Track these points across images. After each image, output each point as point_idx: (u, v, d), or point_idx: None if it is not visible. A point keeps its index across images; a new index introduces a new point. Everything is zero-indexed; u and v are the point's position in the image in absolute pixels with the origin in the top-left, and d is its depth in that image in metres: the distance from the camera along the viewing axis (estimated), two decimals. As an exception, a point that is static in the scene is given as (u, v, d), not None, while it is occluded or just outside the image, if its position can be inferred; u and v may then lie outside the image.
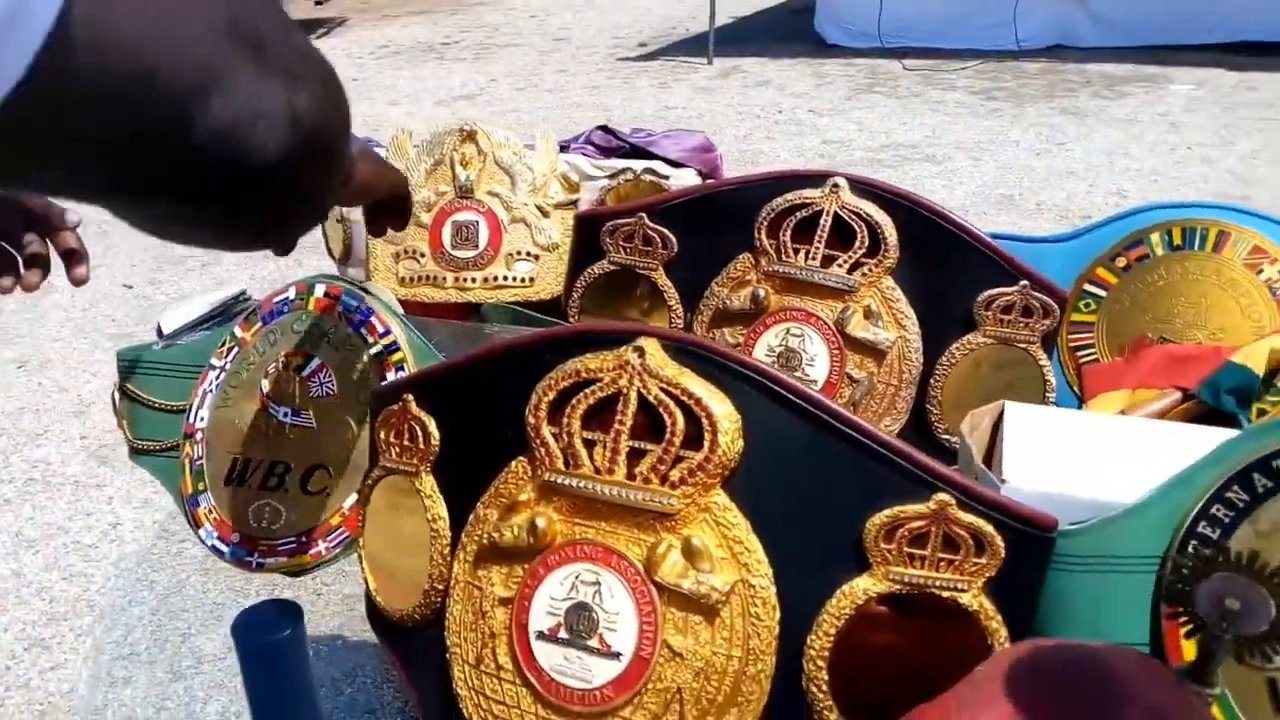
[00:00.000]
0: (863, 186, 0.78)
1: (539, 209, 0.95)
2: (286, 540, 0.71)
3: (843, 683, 0.50)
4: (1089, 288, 0.85)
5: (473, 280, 0.95)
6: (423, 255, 0.95)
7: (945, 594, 0.50)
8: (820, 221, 0.77)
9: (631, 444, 0.53)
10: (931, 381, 0.76)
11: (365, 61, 6.10)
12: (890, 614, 0.51)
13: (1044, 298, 0.74)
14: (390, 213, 0.63)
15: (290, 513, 0.71)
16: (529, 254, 0.95)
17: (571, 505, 0.54)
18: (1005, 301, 0.74)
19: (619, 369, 0.54)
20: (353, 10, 8.00)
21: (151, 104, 0.29)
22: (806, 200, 0.78)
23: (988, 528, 0.49)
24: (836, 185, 0.77)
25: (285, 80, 0.33)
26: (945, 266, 0.76)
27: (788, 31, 6.29)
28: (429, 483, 0.60)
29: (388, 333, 0.72)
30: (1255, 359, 0.74)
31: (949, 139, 4.05)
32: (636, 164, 0.97)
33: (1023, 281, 0.74)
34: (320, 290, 0.74)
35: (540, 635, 0.53)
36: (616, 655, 0.51)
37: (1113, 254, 0.85)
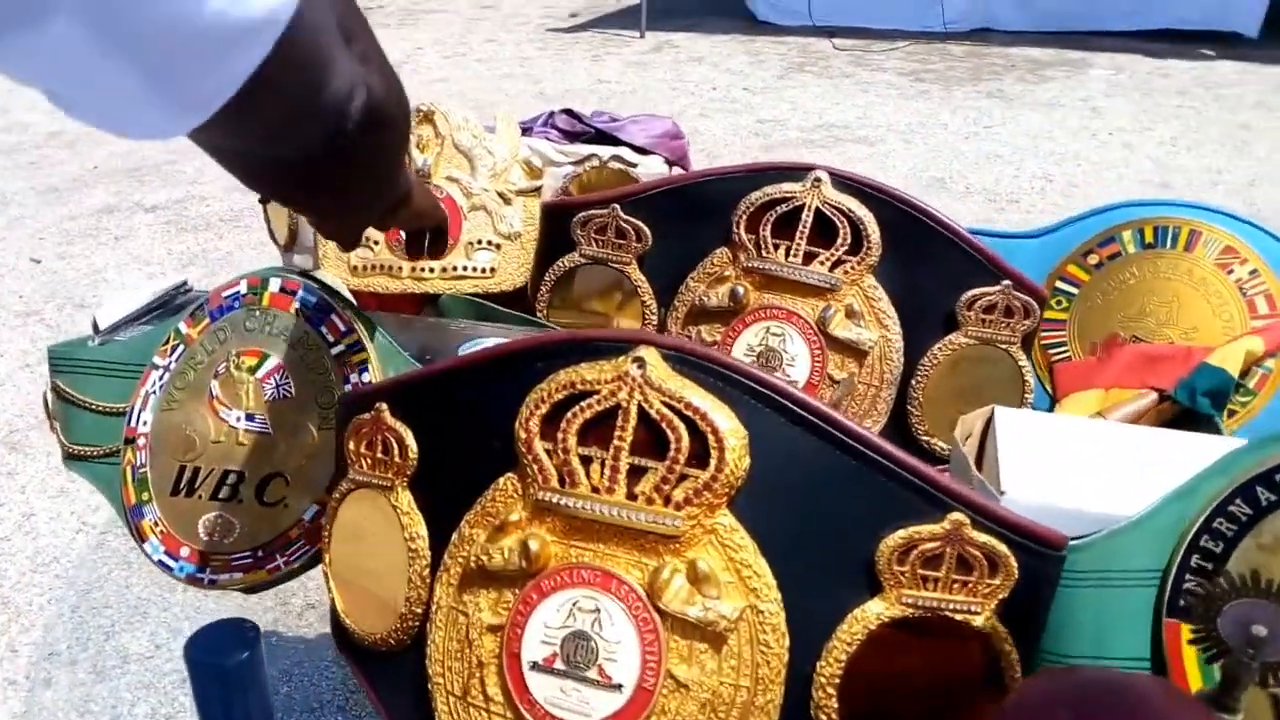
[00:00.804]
0: (845, 181, 0.75)
1: (500, 196, 0.91)
2: (241, 555, 0.66)
3: (851, 710, 0.48)
4: (1060, 285, 0.85)
5: (430, 270, 0.90)
6: (376, 243, 0.90)
7: (959, 616, 0.48)
8: (801, 217, 0.75)
9: (632, 461, 0.50)
10: (912, 382, 0.75)
11: (285, 26, 5.87)
12: (900, 637, 0.49)
13: (1025, 298, 0.73)
14: (432, 243, 0.67)
15: (245, 525, 0.67)
16: (490, 243, 0.91)
17: (567, 526, 0.51)
18: (988, 302, 0.73)
19: (617, 380, 0.50)
20: (270, -29, 7.69)
21: (311, 87, 0.38)
22: (787, 194, 0.76)
23: (1002, 548, 0.48)
24: (818, 179, 0.75)
25: (363, 63, 0.42)
26: (927, 265, 0.74)
27: (719, 6, 6.26)
28: (406, 498, 0.56)
29: (350, 331, 0.68)
30: (1231, 361, 0.74)
31: (880, 120, 4.08)
32: (603, 150, 0.93)
33: (1005, 281, 0.73)
34: (275, 284, 0.69)
35: (534, 666, 0.50)
36: (618, 687, 0.48)
37: (1085, 250, 0.85)
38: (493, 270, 0.91)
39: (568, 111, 0.98)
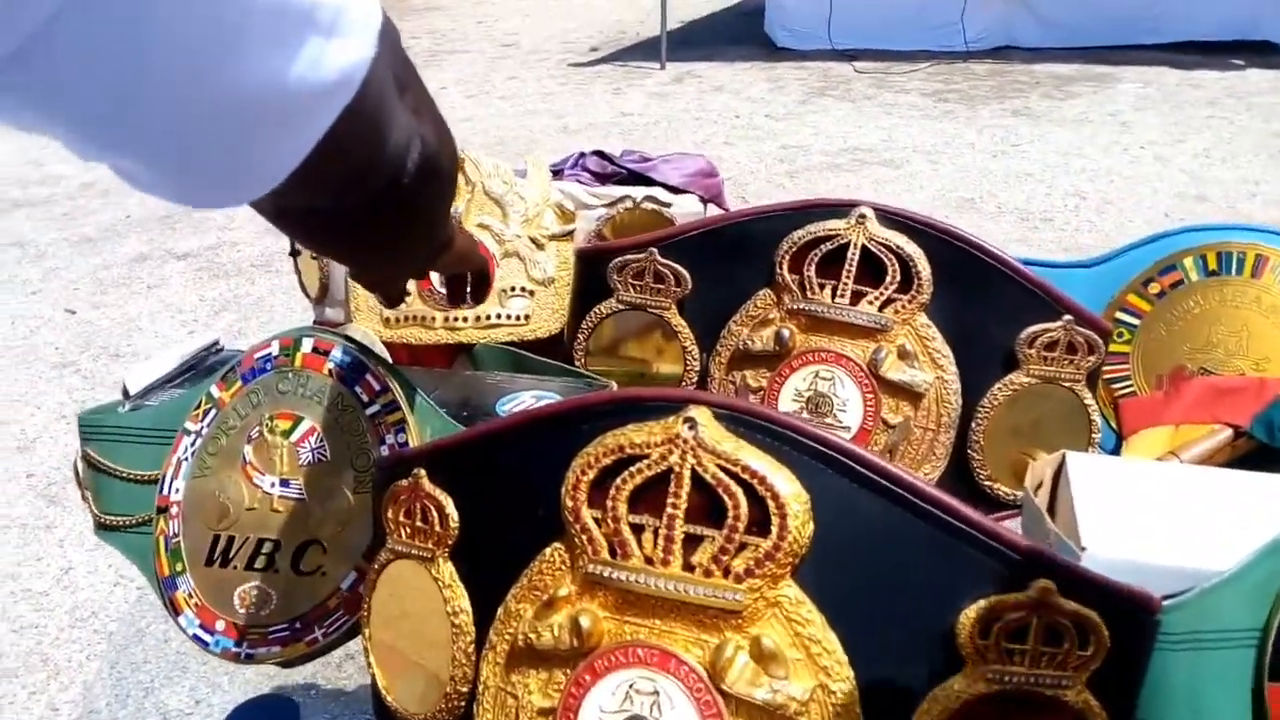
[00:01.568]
0: (891, 216, 0.72)
1: (533, 241, 0.89)
2: (278, 627, 0.64)
3: (934, 795, 0.45)
4: (1121, 315, 0.81)
5: (463, 320, 0.88)
6: (409, 293, 0.88)
7: (1048, 691, 0.45)
8: (847, 255, 0.72)
9: (687, 530, 0.47)
10: (972, 425, 0.71)
11: (310, 70, 5.95)
12: (985, 716, 0.45)
13: (1088, 333, 0.70)
14: (475, 288, 0.65)
15: (281, 596, 0.64)
16: (523, 290, 0.89)
17: (619, 600, 0.48)
18: (1049, 338, 0.69)
19: (668, 443, 0.47)
20: (294, 17, 7.81)
21: (374, 145, 0.37)
22: (831, 232, 0.73)
23: (1093, 615, 0.44)
24: (863, 215, 0.72)
25: (416, 115, 0.41)
26: (983, 301, 0.71)
27: (738, 35, 6.27)
28: (448, 570, 0.53)
29: (385, 390, 0.65)
30: (1310, 393, 0.70)
31: (905, 142, 4.05)
32: (635, 191, 0.91)
33: (1066, 316, 0.70)
34: (308, 345, 0.67)
35: (590, 752, 0.47)
36: (681, 775, 0.45)
37: (1144, 279, 0.81)
38: (527, 317, 0.89)
39: (598, 153, 0.96)
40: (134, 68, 0.26)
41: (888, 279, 0.71)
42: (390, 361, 0.70)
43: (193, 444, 0.69)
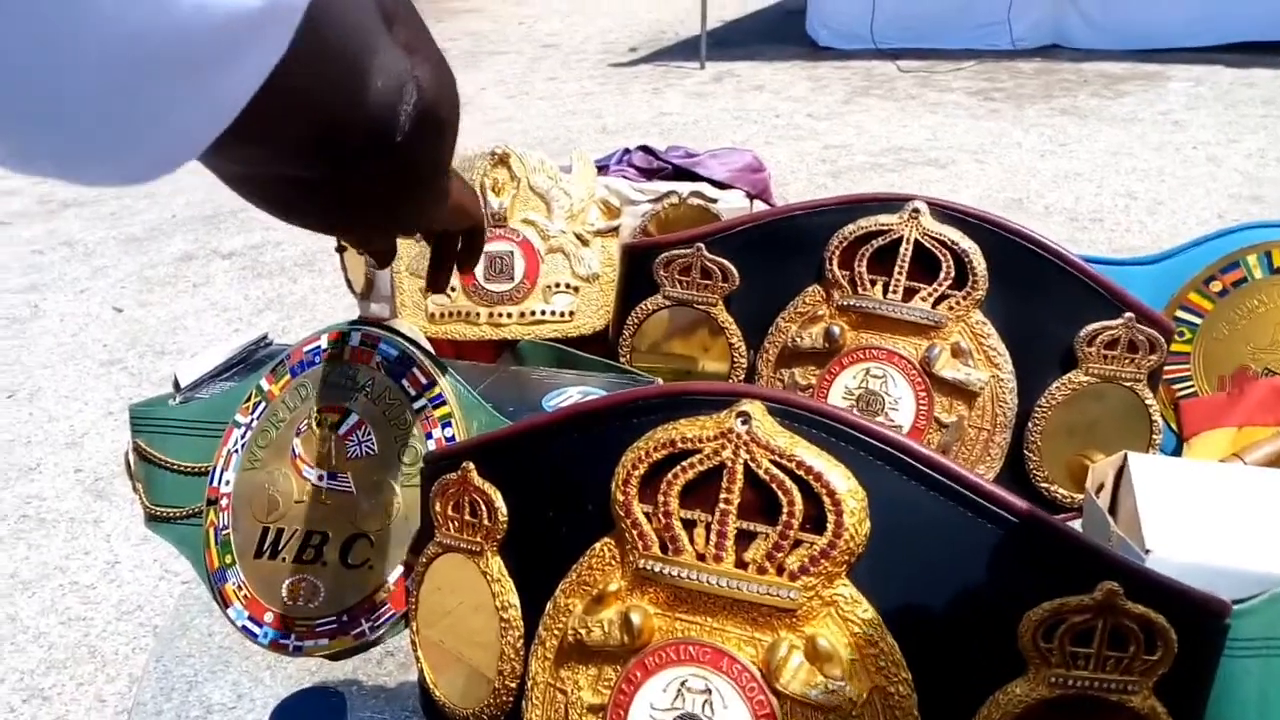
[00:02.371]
0: (945, 211, 0.71)
1: (578, 237, 0.89)
2: (326, 620, 0.64)
3: (994, 802, 0.44)
4: (1181, 314, 0.79)
5: (508, 315, 0.88)
6: (453, 289, 0.88)
7: (1113, 697, 0.43)
8: (900, 250, 0.71)
9: (740, 525, 0.46)
10: (1029, 425, 0.69)
11: (353, 72, 6.02)
12: (1048, 720, 0.44)
13: (1150, 331, 0.68)
14: (464, 250, 0.59)
15: (329, 588, 0.64)
16: (568, 286, 0.88)
17: (670, 597, 0.47)
18: (1109, 336, 0.68)
19: (721, 438, 0.47)
20: (338, 20, 7.91)
21: (348, 90, 0.31)
22: (883, 227, 0.72)
23: (1160, 619, 0.43)
24: (917, 210, 0.71)
25: (409, 54, 0.34)
26: (1040, 298, 0.69)
27: (779, 34, 6.24)
28: (496, 564, 0.53)
29: (432, 384, 0.65)
30: (1383, 395, 0.67)
31: (950, 141, 4.01)
32: (681, 186, 0.90)
33: (1128, 314, 0.68)
34: (356, 338, 0.67)
35: (641, 750, 0.46)
36: (733, 775, 0.44)
37: (1206, 277, 0.79)
38: (571, 314, 0.88)
39: (644, 148, 0.95)
40: None
41: (941, 275, 0.70)
42: (431, 353, 0.70)
43: (242, 436, 0.69)
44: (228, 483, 0.68)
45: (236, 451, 0.69)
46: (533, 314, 0.88)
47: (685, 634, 0.46)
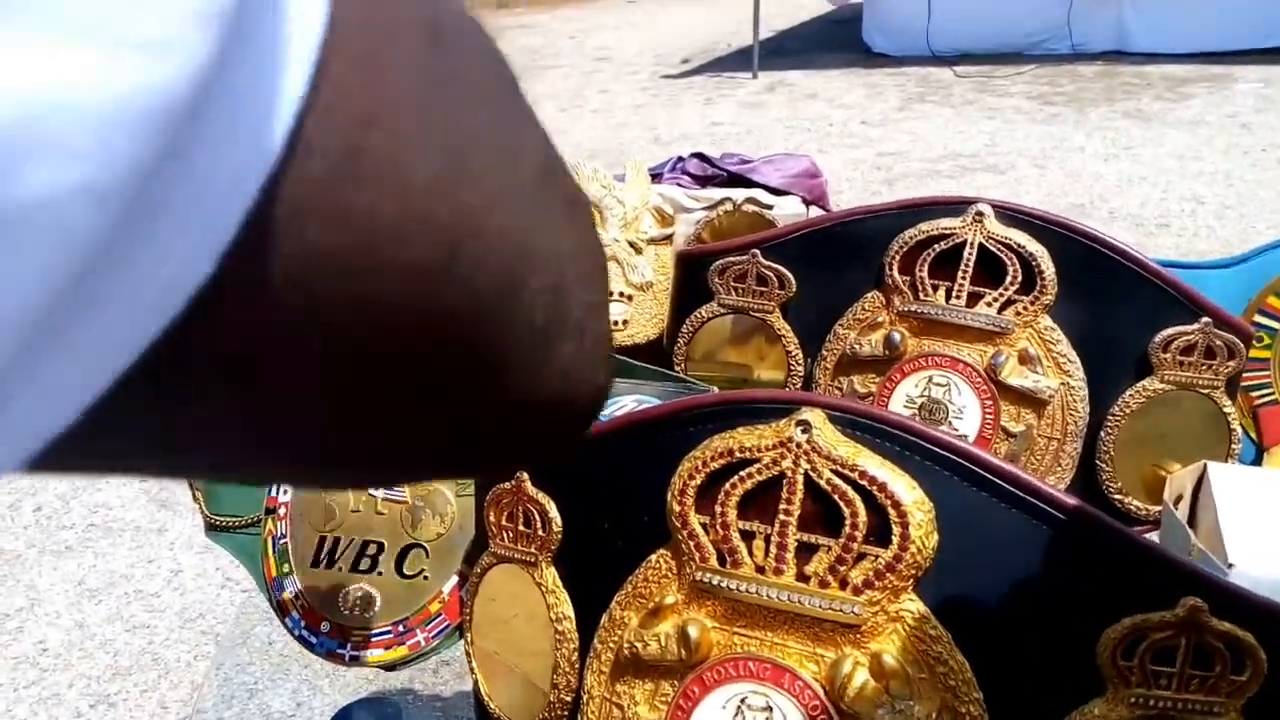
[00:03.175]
0: (1011, 213, 0.69)
1: (631, 245, 0.88)
2: (382, 630, 0.64)
3: (1072, 828, 0.42)
4: (1260, 319, 0.76)
5: (562, 325, 0.88)
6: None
7: (1198, 719, 0.41)
8: (963, 254, 0.69)
9: (800, 538, 0.45)
10: (1101, 434, 0.67)
11: (409, 88, 6.12)
12: (1128, 744, 0.42)
13: (1229, 337, 0.65)
14: None
15: (385, 599, 0.64)
16: (622, 294, 0.88)
17: (729, 611, 0.46)
18: (1186, 342, 0.65)
19: (780, 447, 0.45)
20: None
21: (439, 305, 0.16)
22: (945, 231, 0.70)
23: (1248, 637, 0.40)
24: (980, 213, 0.69)
25: (569, 216, 0.21)
26: (1112, 303, 0.67)
27: (832, 42, 6.20)
28: (551, 575, 0.52)
29: (486, 394, 0.65)
30: None
31: (1009, 147, 3.93)
32: (736, 193, 0.89)
33: (1204, 319, 0.65)
34: (410, 348, 0.67)
35: (699, 768, 0.45)
36: (795, 796, 0.43)
37: (1286, 280, 0.76)
38: (625, 323, 0.87)
39: (698, 155, 0.94)
40: None
41: (1008, 279, 0.68)
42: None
43: (299, 446, 0.69)
44: (286, 493, 0.68)
45: (293, 461, 0.69)
46: (587, 323, 0.88)
47: (744, 649, 0.45)
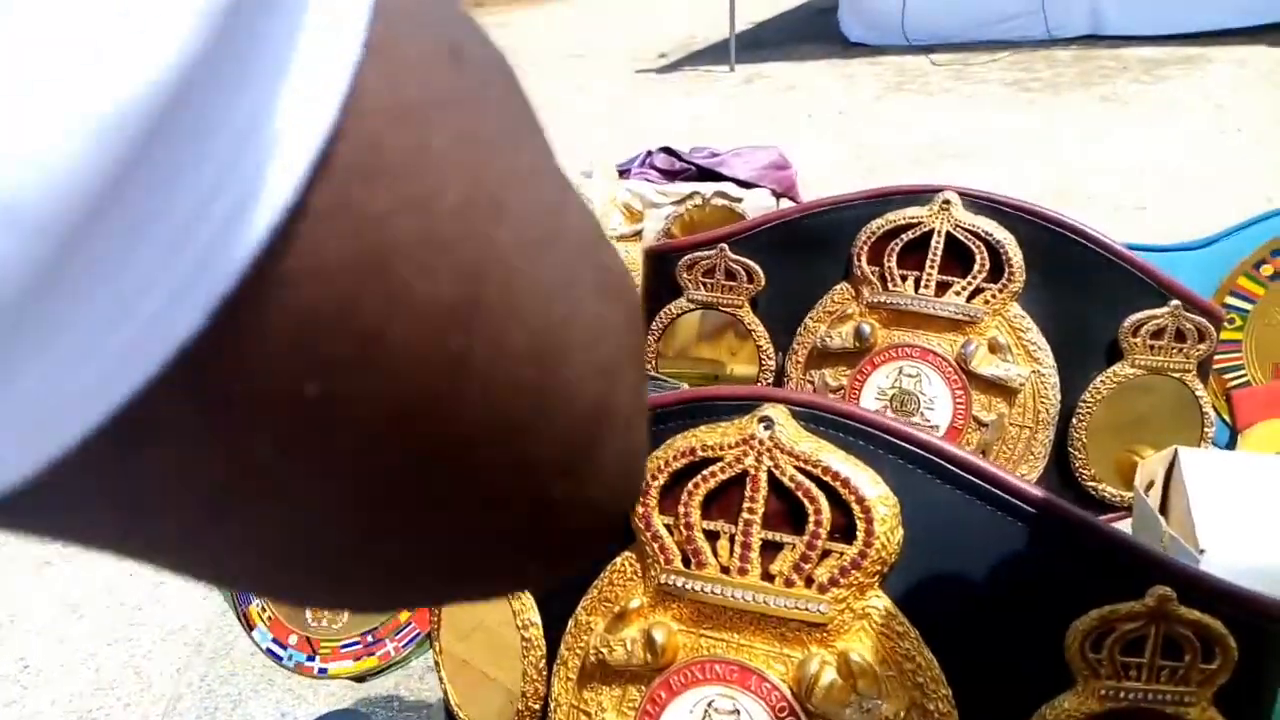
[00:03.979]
0: (978, 201, 0.68)
1: (601, 243, 0.87)
2: (351, 641, 0.62)
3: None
4: (1232, 300, 0.76)
5: (532, 325, 0.87)
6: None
7: (1169, 710, 0.40)
8: (931, 243, 0.68)
9: (765, 536, 0.44)
10: (1073, 421, 0.66)
11: (386, 89, 6.09)
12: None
13: (1199, 319, 0.64)
14: None
15: (352, 609, 0.63)
16: (592, 293, 0.87)
17: (694, 613, 0.45)
18: (1155, 325, 0.64)
19: (743, 444, 0.45)
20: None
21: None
22: (913, 220, 0.69)
23: (1217, 625, 0.40)
24: (947, 201, 0.68)
25: (608, 302, 0.18)
26: (1081, 288, 0.66)
27: (809, 33, 6.19)
28: (516, 581, 0.51)
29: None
30: None
31: (987, 133, 3.94)
32: (704, 187, 0.88)
33: (1174, 301, 0.64)
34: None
35: (668, 774, 0.44)
36: (765, 800, 0.42)
37: (1255, 261, 0.75)
38: (597, 321, 0.86)
39: (666, 150, 0.93)
40: None
41: (976, 267, 0.67)
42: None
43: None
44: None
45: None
46: (557, 322, 0.87)
47: (711, 651, 0.44)
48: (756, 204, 0.88)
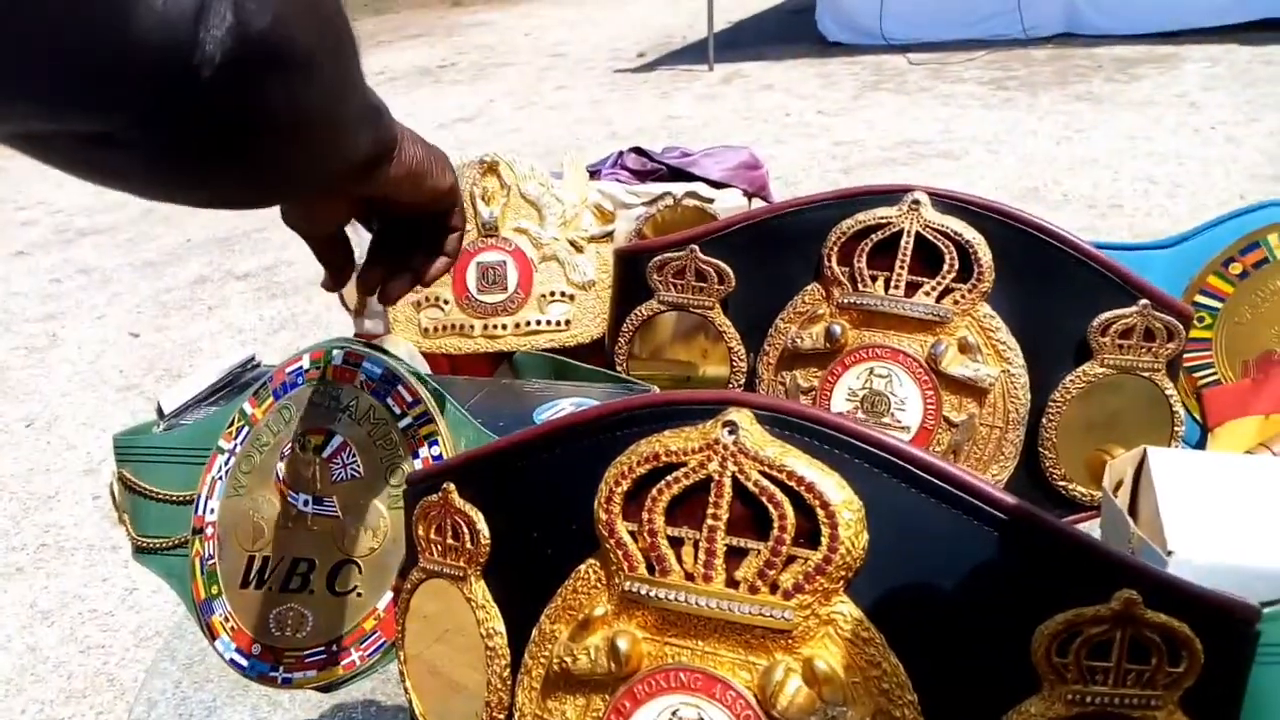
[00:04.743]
0: (947, 201, 0.68)
1: (571, 244, 0.86)
2: (315, 650, 0.62)
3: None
4: (1201, 299, 0.76)
5: (502, 327, 0.86)
6: (447, 302, 0.86)
7: (1136, 714, 0.40)
8: (900, 243, 0.68)
9: (729, 542, 0.43)
10: (1043, 421, 0.66)
11: (363, 89, 6.06)
12: (1067, 741, 0.41)
13: (1167, 318, 0.64)
14: (428, 241, 0.50)
15: (317, 617, 0.62)
16: (563, 294, 0.86)
17: (659, 620, 0.44)
18: (1124, 325, 0.64)
19: (706, 449, 0.44)
20: (347, 38, 7.97)
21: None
22: (882, 220, 0.69)
23: (1184, 628, 0.39)
24: (917, 201, 0.68)
25: None
26: (1050, 288, 0.66)
27: (787, 33, 6.21)
28: (480, 589, 0.50)
29: (417, 402, 0.63)
30: None
31: (964, 132, 3.96)
32: (676, 187, 0.88)
33: (1143, 300, 0.64)
34: (338, 357, 0.65)
35: (632, 784, 0.43)
36: (729, 810, 0.41)
37: (1225, 259, 0.75)
38: (568, 323, 0.86)
39: (637, 150, 0.92)
40: None
41: (945, 267, 0.67)
42: (428, 373, 0.68)
43: (227, 463, 0.67)
44: (213, 511, 0.66)
45: (221, 478, 0.67)
46: (528, 324, 0.86)
47: (676, 660, 0.44)
48: (728, 204, 0.88)
